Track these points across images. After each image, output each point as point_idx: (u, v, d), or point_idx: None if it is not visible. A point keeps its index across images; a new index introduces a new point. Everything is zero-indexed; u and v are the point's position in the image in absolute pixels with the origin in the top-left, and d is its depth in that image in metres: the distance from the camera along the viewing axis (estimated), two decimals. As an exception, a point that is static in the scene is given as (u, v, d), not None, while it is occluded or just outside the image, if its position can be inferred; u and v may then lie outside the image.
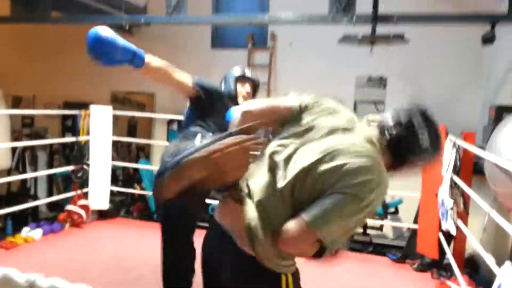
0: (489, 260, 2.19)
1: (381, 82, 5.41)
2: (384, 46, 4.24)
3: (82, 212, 4.22)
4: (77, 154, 4.30)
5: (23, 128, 7.06)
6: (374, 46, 4.06)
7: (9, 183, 6.38)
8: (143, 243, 3.85)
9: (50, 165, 6.50)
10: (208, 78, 3.06)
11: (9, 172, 6.23)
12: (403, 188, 4.29)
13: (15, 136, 6.89)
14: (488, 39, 3.75)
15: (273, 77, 5.81)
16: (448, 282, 3.22)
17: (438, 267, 3.43)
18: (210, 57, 6.02)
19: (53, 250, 3.56)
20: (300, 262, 1.35)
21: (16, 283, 1.47)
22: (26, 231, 3.89)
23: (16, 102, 7.16)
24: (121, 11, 5.01)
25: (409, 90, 5.32)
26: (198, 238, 3.27)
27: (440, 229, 3.24)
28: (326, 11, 3.93)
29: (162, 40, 6.26)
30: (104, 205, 4.43)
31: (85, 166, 4.31)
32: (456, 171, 3.11)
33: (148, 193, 5.05)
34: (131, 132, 6.57)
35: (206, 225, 1.59)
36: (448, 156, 3.15)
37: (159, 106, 6.43)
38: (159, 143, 6.29)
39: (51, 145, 6.54)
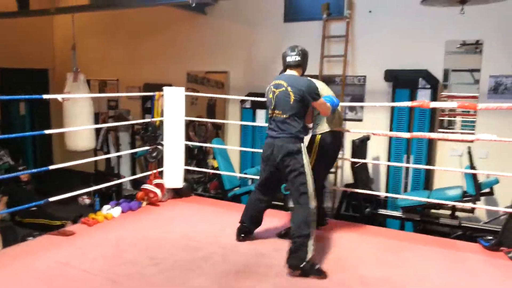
0: None
1: (477, 47, 4.77)
2: (477, 5, 3.67)
3: (158, 190, 4.31)
4: (151, 134, 4.39)
5: (109, 110, 7.48)
6: (465, 5, 3.52)
7: (95, 163, 6.85)
8: (214, 222, 3.84)
9: (132, 146, 6.82)
10: (281, 52, 3.03)
11: (95, 152, 6.66)
12: (500, 167, 3.78)
13: (102, 118, 7.34)
14: None
15: (350, 48, 5.42)
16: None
17: (540, 257, 2.96)
18: (283, 31, 5.79)
19: (128, 227, 3.68)
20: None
21: None
22: (106, 209, 4.07)
23: (102, 86, 7.60)
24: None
25: (509, 53, 4.64)
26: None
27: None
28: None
29: (235, 16, 6.17)
30: (179, 183, 4.50)
31: (159, 146, 4.39)
32: None
33: (221, 172, 5.04)
34: (210, 111, 6.65)
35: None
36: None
37: (233, 85, 6.39)
38: (230, 122, 6.29)
39: (132, 126, 6.84)
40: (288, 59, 3.03)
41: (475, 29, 4.73)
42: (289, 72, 3.07)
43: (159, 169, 4.47)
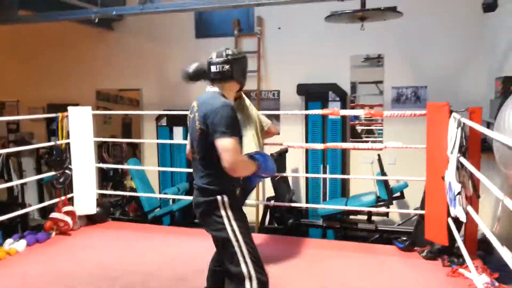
0: (505, 253, 1.93)
1: (379, 60, 5.12)
2: (376, 21, 3.94)
3: (68, 219, 3.99)
4: (56, 158, 4.05)
5: (9, 134, 6.83)
6: (365, 22, 3.76)
7: (-5, 192, 6.17)
8: (133, 248, 3.62)
9: (38, 171, 6.28)
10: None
11: (-5, 181, 6.01)
12: (408, 172, 4.05)
13: (1, 143, 6.67)
14: (489, 6, 3.46)
15: (263, 63, 5.53)
16: (461, 270, 2.97)
17: (449, 253, 3.19)
18: (195, 47, 5.73)
19: (35, 261, 3.34)
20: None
21: None
22: (8, 243, 3.66)
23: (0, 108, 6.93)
24: (97, 5, 4.73)
25: (409, 66, 5.05)
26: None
27: (449, 214, 2.98)
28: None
29: (144, 32, 5.99)
30: (92, 209, 4.20)
31: (67, 171, 4.07)
32: (463, 151, 2.83)
33: (139, 194, 4.80)
34: (125, 130, 6.35)
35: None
36: (453, 135, 2.87)
37: (147, 102, 6.18)
38: (146, 141, 6.06)
39: (37, 150, 6.32)
40: (212, 68, 2.15)
41: (376, 44, 5.08)
42: (211, 88, 2.19)
43: (69, 195, 4.14)
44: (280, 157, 4.66)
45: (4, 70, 6.81)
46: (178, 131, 5.83)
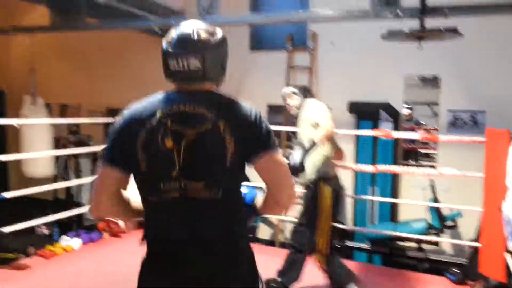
0: None
1: (434, 81, 4.96)
2: (435, 41, 3.83)
3: (120, 221, 4.15)
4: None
5: (70, 135, 7.21)
6: (422, 41, 3.66)
7: (55, 190, 6.53)
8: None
9: (94, 172, 6.57)
10: (248, 80, 2.87)
11: (55, 179, 6.37)
12: (462, 200, 3.87)
13: (62, 144, 7.05)
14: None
15: (314, 78, 5.52)
16: (517, 310, 2.81)
17: (505, 291, 3.02)
18: (249, 60, 5.82)
19: (90, 261, 3.50)
20: None
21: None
22: (65, 240, 3.87)
23: (62, 111, 7.33)
24: (157, 15, 4.93)
25: (466, 89, 4.85)
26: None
27: (507, 249, 2.83)
28: (368, 6, 3.62)
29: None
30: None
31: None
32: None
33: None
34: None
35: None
36: (514, 165, 2.74)
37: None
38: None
39: (94, 153, 6.61)
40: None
41: (432, 64, 4.90)
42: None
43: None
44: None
45: (69, 75, 7.24)
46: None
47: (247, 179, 1.44)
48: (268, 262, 2.84)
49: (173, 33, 1.39)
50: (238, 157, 1.27)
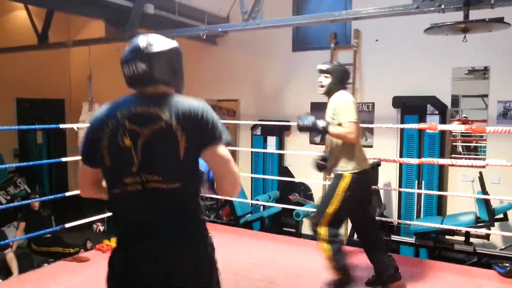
0: None
1: (484, 72, 4.83)
2: (481, 33, 3.74)
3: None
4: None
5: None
6: (467, 33, 3.60)
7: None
8: (225, 248, 3.84)
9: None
10: (292, 80, 2.93)
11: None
12: (512, 192, 3.77)
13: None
14: None
15: (358, 75, 5.52)
16: None
17: (558, 285, 2.92)
18: (291, 60, 5.92)
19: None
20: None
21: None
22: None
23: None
24: (204, 23, 5.17)
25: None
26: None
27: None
28: (410, 0, 3.61)
29: (244, 47, 6.33)
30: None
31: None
32: None
33: (233, 198, 5.08)
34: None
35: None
36: None
37: (243, 112, 6.51)
38: (240, 149, 6.36)
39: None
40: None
41: (481, 56, 4.80)
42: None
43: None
44: (373, 170, 4.61)
45: (123, 81, 7.65)
46: (271, 140, 6.04)
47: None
48: (311, 255, 2.93)
49: (128, 46, 1.60)
50: (190, 150, 1.43)
